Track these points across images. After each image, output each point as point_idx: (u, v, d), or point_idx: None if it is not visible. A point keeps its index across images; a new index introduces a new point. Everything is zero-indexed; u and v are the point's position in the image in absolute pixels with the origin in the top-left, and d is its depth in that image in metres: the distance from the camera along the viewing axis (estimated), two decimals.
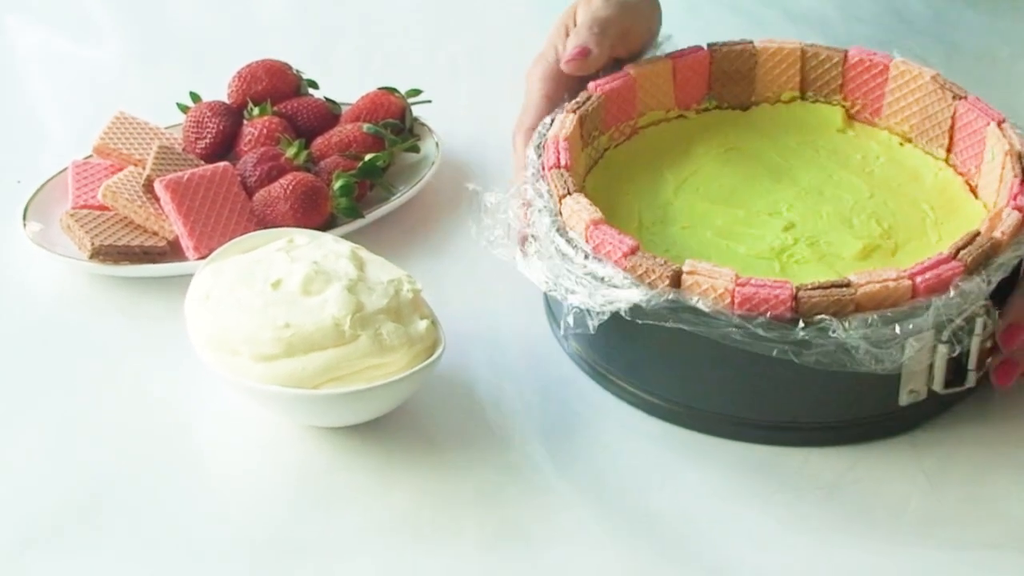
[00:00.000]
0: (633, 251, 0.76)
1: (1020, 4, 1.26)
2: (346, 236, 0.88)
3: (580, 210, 0.79)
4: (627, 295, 0.74)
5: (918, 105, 0.90)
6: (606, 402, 0.81)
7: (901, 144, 0.92)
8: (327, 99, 1.04)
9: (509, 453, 0.79)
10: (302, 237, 0.84)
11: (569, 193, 0.80)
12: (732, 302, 0.73)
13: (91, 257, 0.91)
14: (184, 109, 1.03)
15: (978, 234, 0.76)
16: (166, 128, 1.03)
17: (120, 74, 1.20)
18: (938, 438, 0.78)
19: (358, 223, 0.94)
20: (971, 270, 0.74)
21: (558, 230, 0.79)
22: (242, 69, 1.03)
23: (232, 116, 1.01)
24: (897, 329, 0.72)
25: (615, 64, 0.93)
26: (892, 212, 0.86)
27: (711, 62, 0.93)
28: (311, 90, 1.05)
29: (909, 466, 0.77)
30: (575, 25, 0.92)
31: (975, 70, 1.15)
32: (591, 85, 0.89)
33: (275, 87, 1.03)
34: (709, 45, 0.94)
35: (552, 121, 0.87)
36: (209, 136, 1.00)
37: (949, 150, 0.89)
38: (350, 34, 1.24)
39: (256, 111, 1.01)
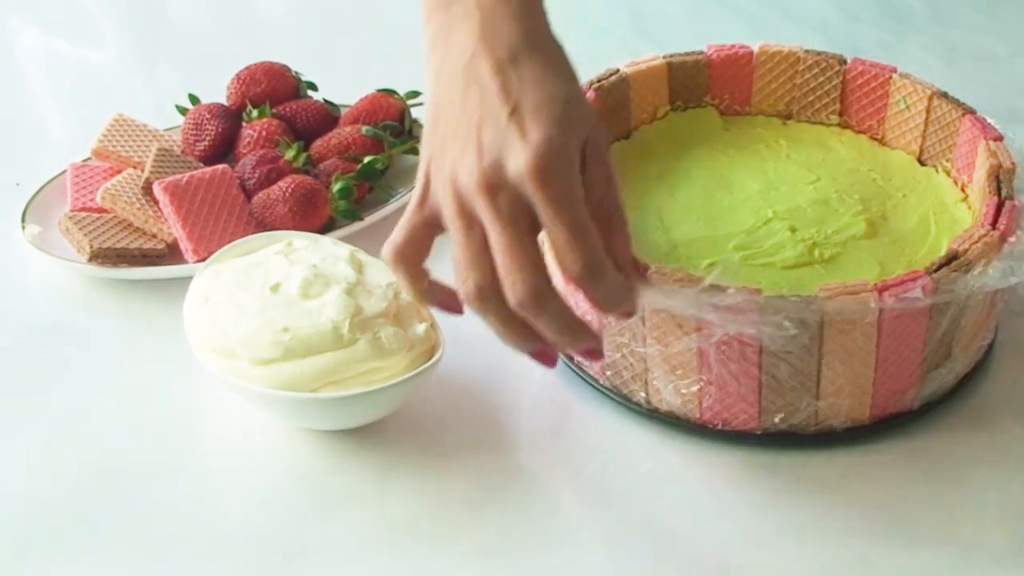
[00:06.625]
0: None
1: (1019, 4, 1.26)
2: (345, 239, 0.88)
3: None
4: None
5: (790, 83, 0.92)
6: (603, 407, 0.81)
7: (783, 123, 0.93)
8: (326, 101, 1.04)
9: (507, 457, 0.79)
10: (301, 240, 0.84)
11: None
12: None
13: (90, 260, 0.91)
14: (183, 111, 1.03)
15: (956, 256, 0.75)
16: (165, 130, 1.03)
17: (119, 76, 1.20)
18: (936, 441, 0.78)
19: (357, 226, 0.94)
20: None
21: None
22: (241, 71, 1.03)
23: (231, 118, 1.01)
24: None
25: None
26: (850, 186, 0.87)
27: (597, 98, 0.89)
28: (310, 92, 1.05)
29: (908, 468, 0.77)
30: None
31: (975, 70, 1.15)
32: None
33: (274, 89, 1.03)
34: (588, 82, 0.89)
35: None
36: (208, 138, 1.00)
37: (842, 113, 0.92)
38: (349, 36, 1.24)
39: (255, 113, 1.01)
